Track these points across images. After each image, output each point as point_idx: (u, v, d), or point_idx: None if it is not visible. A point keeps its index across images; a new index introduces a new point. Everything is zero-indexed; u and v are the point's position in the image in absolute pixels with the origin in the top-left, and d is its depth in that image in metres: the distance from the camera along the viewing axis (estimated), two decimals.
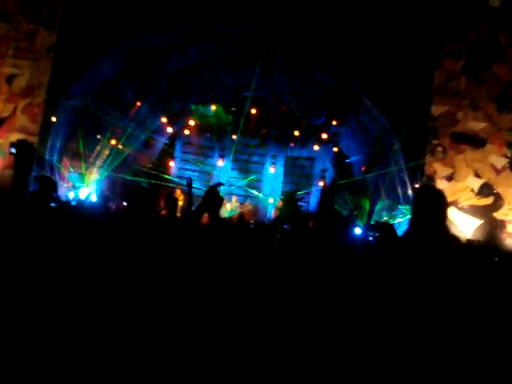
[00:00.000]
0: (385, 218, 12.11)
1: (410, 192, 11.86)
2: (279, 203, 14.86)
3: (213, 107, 15.37)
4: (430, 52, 12.40)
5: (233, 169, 16.04)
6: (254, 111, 15.13)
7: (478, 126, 11.84)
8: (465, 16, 12.22)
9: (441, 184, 11.24)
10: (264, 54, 12.53)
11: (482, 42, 12.23)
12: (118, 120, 13.22)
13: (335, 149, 14.99)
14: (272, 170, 15.55)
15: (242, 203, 14.93)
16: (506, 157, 11.57)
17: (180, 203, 10.04)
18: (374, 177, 13.14)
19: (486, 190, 11.35)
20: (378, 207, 12.90)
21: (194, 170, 15.95)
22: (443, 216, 3.35)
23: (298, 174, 15.78)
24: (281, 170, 15.90)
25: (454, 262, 3.22)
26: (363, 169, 13.64)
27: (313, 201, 14.72)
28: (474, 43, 12.23)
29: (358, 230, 8.93)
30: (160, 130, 15.40)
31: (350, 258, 4.27)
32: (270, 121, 15.40)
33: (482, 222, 11.08)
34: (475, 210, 11.21)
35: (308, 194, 14.90)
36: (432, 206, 3.30)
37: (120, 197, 12.31)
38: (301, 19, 12.33)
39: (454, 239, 3.44)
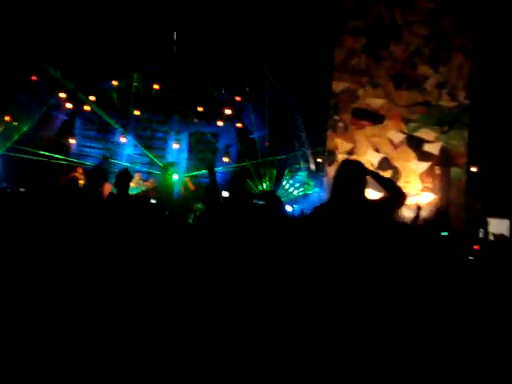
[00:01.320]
0: (290, 191, 12.20)
1: (312, 166, 11.96)
2: (186, 180, 14.53)
3: (114, 82, 14.69)
4: (331, 30, 12.52)
5: (136, 145, 15.49)
6: (156, 86, 14.65)
7: (377, 102, 12.19)
8: None
9: (342, 158, 11.40)
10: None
11: (381, 22, 12.49)
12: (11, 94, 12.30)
13: (239, 124, 14.86)
14: (176, 146, 15.19)
15: (145, 180, 14.44)
16: (403, 132, 12.01)
17: (81, 182, 9.43)
18: (278, 152, 13.17)
19: (384, 164, 11.71)
20: (283, 181, 12.97)
21: (95, 148, 15.24)
22: (363, 186, 3.41)
23: (202, 150, 15.50)
24: (185, 146, 15.55)
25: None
26: (267, 144, 13.63)
27: (219, 177, 14.51)
28: (373, 22, 12.49)
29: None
30: (59, 105, 14.53)
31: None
32: (173, 96, 14.96)
33: (381, 195, 11.36)
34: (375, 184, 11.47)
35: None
36: (355, 178, 3.38)
37: (15, 176, 11.53)
38: None
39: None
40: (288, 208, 11.47)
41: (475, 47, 12.88)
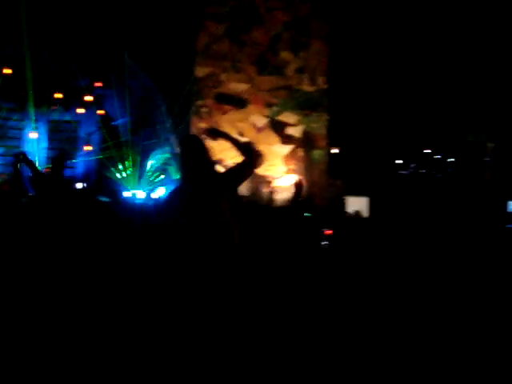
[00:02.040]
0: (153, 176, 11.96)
1: (178, 151, 11.76)
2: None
3: None
4: (193, 15, 12.37)
5: None
6: (7, 71, 13.57)
7: (240, 87, 12.26)
8: None
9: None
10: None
11: (242, 7, 12.54)
12: None
13: (101, 111, 14.22)
14: (33, 135, 14.21)
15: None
16: (266, 116, 12.19)
17: None
18: (142, 138, 12.82)
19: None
20: (147, 168, 12.66)
21: None
22: (210, 161, 3.34)
23: (62, 139, 14.65)
24: (44, 135, 14.60)
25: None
26: (130, 130, 13.20)
27: (80, 166, 13.84)
28: (235, 8, 12.52)
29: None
30: None
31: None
32: (27, 82, 13.96)
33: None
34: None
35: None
36: (196, 153, 3.29)
37: None
38: None
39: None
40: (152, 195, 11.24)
41: (333, 33, 13.39)
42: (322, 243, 7.33)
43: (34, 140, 14.11)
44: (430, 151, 17.04)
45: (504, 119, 15.23)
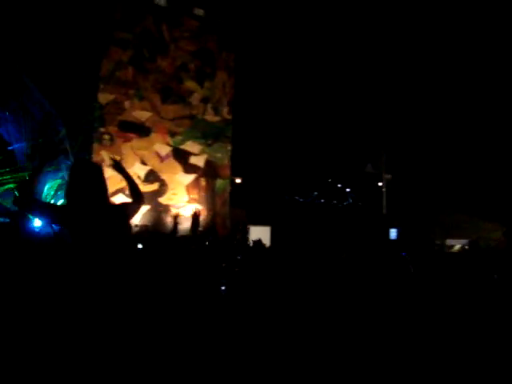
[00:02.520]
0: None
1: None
2: None
3: None
4: (98, 40, 12.26)
5: None
6: None
7: (143, 115, 12.22)
8: (132, 8, 12.37)
9: (109, 172, 11.13)
10: None
11: (149, 36, 12.61)
12: None
13: None
14: None
15: None
16: (169, 145, 12.20)
17: None
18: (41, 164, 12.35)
19: (151, 176, 11.78)
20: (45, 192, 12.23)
21: None
22: (104, 186, 3.26)
23: None
24: None
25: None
26: (28, 156, 12.74)
27: None
28: (141, 35, 12.57)
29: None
30: None
31: None
32: None
33: (148, 207, 11.38)
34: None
35: None
36: (90, 177, 3.20)
37: None
38: None
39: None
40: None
41: (238, 66, 13.74)
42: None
43: None
44: (330, 181, 17.75)
45: (399, 153, 16.19)
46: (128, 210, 3.36)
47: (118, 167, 3.45)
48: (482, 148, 15.27)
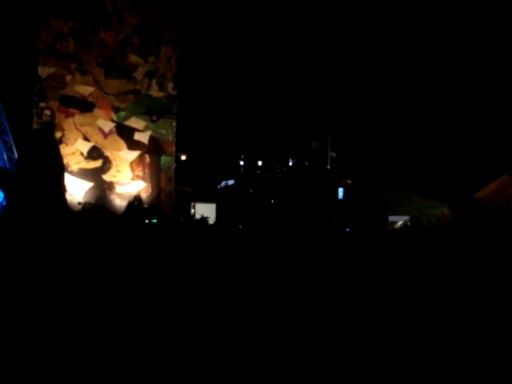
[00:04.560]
0: None
1: (16, 156, 11.23)
2: None
3: None
4: (37, 11, 11.87)
5: None
6: None
7: (86, 90, 12.00)
8: None
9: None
10: None
11: (91, 7, 12.30)
12: None
13: None
14: None
15: None
16: (113, 121, 12.06)
17: None
18: None
19: (94, 153, 11.63)
20: None
21: None
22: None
23: None
24: None
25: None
26: None
27: None
28: (83, 6, 12.21)
29: None
30: None
31: None
32: None
33: (92, 184, 11.28)
34: (85, 173, 11.40)
35: None
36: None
37: None
38: None
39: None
40: None
41: (183, 40, 13.60)
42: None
43: None
44: (275, 156, 17.89)
45: (344, 131, 16.53)
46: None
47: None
48: (422, 127, 15.78)
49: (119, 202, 11.34)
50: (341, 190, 15.40)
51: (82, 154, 11.43)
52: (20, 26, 11.88)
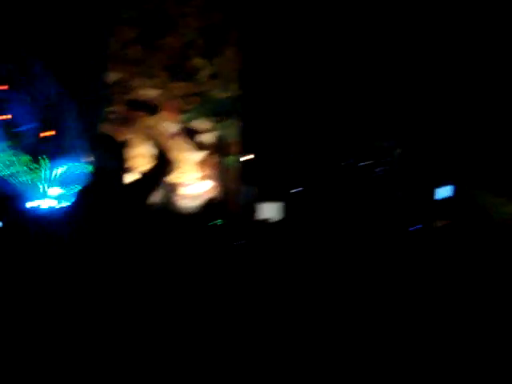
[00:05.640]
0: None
1: (92, 159, 11.60)
2: None
3: None
4: (107, 18, 12.25)
5: None
6: None
7: (152, 93, 12.22)
8: None
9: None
10: None
11: (156, 12, 12.51)
12: None
13: (5, 116, 13.81)
14: None
15: None
16: (179, 123, 12.20)
17: None
18: (51, 145, 12.58)
19: (160, 155, 11.73)
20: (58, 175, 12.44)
21: None
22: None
23: None
24: None
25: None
26: (40, 136, 12.92)
27: None
28: (148, 12, 12.44)
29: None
30: None
31: None
32: None
33: (157, 186, 11.43)
34: (150, 175, 11.52)
35: None
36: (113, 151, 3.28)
37: None
38: None
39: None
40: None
41: (247, 40, 13.63)
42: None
43: None
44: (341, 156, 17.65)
45: (410, 127, 16.02)
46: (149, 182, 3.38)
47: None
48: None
49: (185, 203, 11.47)
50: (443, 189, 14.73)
51: (147, 156, 11.64)
52: (89, 35, 12.27)
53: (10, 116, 13.51)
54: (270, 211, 11.97)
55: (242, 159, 13.09)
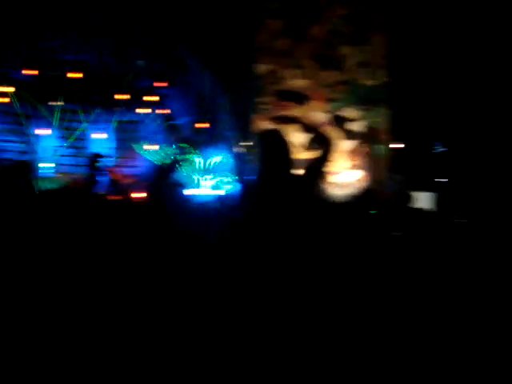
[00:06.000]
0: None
1: (238, 150, 12.01)
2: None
3: (31, 72, 14.13)
4: (253, 11, 12.52)
5: (57, 137, 14.98)
6: (75, 75, 14.20)
7: (300, 83, 12.32)
8: None
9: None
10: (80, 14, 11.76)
11: (301, 3, 12.61)
12: None
13: (165, 111, 14.67)
14: (100, 135, 14.78)
15: (62, 172, 13.99)
16: (327, 112, 12.18)
17: None
18: (204, 136, 13.16)
19: (310, 143, 11.80)
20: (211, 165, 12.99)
21: (11, 141, 14.58)
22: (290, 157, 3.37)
23: (128, 139, 15.20)
24: (111, 135, 15.17)
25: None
26: (195, 127, 13.57)
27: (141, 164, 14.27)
28: (294, 4, 12.59)
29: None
30: None
31: None
32: (93, 85, 14.56)
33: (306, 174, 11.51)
34: (303, 163, 11.62)
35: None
36: (280, 147, 3.31)
37: None
38: None
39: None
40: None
41: (394, 26, 13.24)
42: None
43: (99, 140, 14.67)
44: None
45: None
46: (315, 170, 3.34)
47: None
48: None
49: (336, 192, 11.42)
50: None
51: (298, 145, 11.74)
52: (238, 29, 12.59)
53: (169, 110, 14.39)
54: (422, 201, 11.55)
55: (390, 147, 12.76)
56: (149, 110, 14.38)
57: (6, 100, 14.26)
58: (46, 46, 13.78)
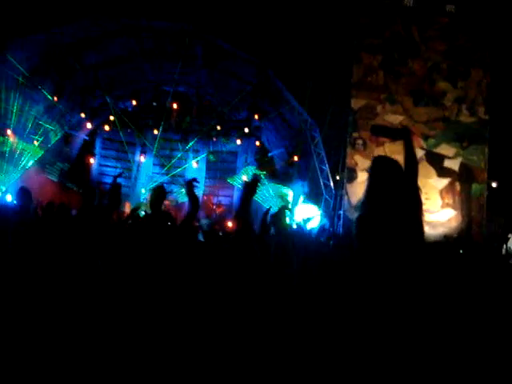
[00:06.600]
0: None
1: (331, 184, 12.04)
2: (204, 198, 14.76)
3: (133, 102, 14.96)
4: (349, 47, 12.67)
5: (155, 164, 15.71)
6: (175, 106, 14.92)
7: (395, 118, 12.28)
8: (381, 13, 12.56)
9: (362, 176, 11.46)
10: (185, 48, 12.35)
11: (398, 39, 12.65)
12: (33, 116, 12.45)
13: (257, 143, 15.01)
14: (195, 164, 15.34)
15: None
16: (423, 148, 12.03)
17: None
18: (297, 169, 13.31)
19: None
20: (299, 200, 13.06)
21: (114, 167, 15.44)
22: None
23: (220, 169, 15.69)
24: (203, 164, 15.70)
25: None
26: (289, 161, 13.77)
27: (236, 195, 14.63)
28: (391, 39, 12.68)
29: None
30: (79, 125, 14.74)
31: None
32: (191, 115, 15.20)
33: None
34: None
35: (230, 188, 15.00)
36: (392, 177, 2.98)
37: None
38: (222, 14, 12.30)
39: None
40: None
41: (495, 62, 12.90)
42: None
43: (196, 169, 15.21)
44: None
45: None
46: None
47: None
48: None
49: (428, 230, 11.20)
50: None
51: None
52: (333, 64, 12.73)
53: (262, 142, 14.70)
54: None
55: (488, 187, 12.37)
56: (242, 141, 14.76)
57: (108, 128, 15.13)
58: (148, 77, 14.56)
